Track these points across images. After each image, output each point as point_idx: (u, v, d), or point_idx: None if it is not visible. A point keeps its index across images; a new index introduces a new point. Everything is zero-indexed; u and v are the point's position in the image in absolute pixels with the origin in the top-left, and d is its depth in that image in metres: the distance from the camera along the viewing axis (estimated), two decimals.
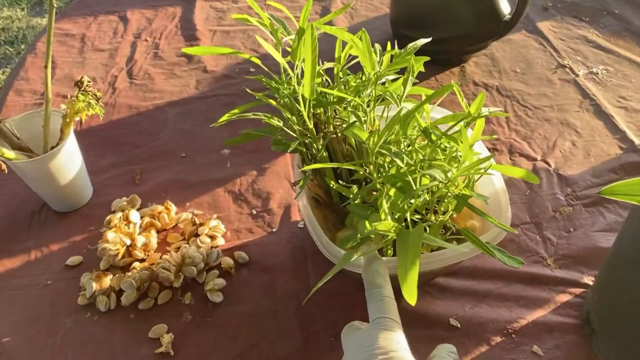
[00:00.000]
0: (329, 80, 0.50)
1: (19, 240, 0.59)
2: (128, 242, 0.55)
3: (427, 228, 0.43)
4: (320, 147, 0.47)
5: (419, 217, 0.44)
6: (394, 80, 0.48)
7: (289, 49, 0.46)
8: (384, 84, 0.48)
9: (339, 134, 0.50)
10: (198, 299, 0.53)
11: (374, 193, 0.49)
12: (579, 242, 0.58)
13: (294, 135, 0.46)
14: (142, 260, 0.56)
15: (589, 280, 0.54)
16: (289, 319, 0.52)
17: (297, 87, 0.44)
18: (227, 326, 0.52)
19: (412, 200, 0.41)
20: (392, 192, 0.42)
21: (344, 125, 0.49)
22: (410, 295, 0.34)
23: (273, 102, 0.46)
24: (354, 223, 0.50)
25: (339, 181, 0.49)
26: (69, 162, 0.58)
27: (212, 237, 0.58)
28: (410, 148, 0.45)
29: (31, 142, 0.58)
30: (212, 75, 0.81)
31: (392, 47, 0.48)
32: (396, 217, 0.42)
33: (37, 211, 0.62)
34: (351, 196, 0.46)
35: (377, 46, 0.49)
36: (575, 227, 0.59)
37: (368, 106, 0.47)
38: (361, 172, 0.46)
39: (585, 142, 0.70)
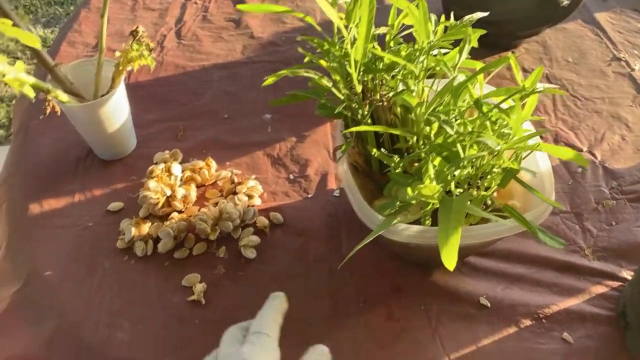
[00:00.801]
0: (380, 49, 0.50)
1: (64, 182, 0.62)
2: (169, 192, 0.56)
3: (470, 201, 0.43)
4: (365, 112, 0.47)
5: (461, 191, 0.44)
6: (444, 55, 0.47)
7: (342, 15, 0.45)
8: (435, 56, 0.47)
9: (385, 103, 0.49)
10: (232, 254, 0.55)
11: (416, 164, 0.48)
12: (620, 235, 0.56)
13: (341, 98, 0.46)
14: (180, 212, 0.57)
15: (627, 274, 0.53)
16: (319, 282, 0.53)
17: (349, 50, 0.43)
18: (258, 282, 0.53)
19: (456, 172, 0.41)
20: (436, 161, 0.42)
21: (391, 94, 0.49)
22: (450, 261, 0.34)
23: (323, 63, 0.45)
24: (392, 192, 0.50)
25: (381, 149, 0.49)
26: (118, 110, 0.59)
27: (250, 197, 0.59)
28: (459, 121, 0.44)
29: (82, 90, 0.59)
30: (259, 42, 0.82)
31: (447, 19, 0.47)
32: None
33: (83, 157, 0.64)
34: (392, 165, 0.46)
35: (433, 16, 0.48)
36: (618, 221, 0.58)
37: (418, 76, 0.46)
38: (408, 139, 0.46)
39: (636, 137, 0.68)
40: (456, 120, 0.45)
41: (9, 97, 1.82)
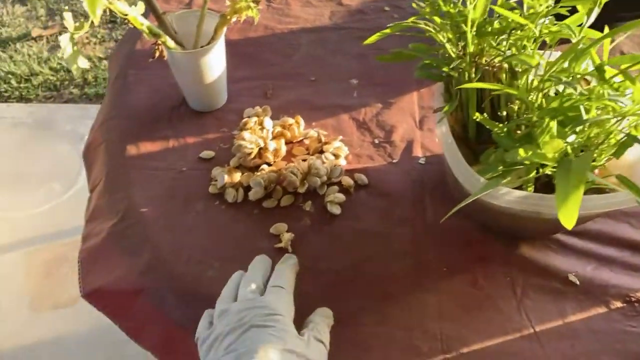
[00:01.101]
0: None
1: (159, 128, 0.64)
2: (262, 144, 0.58)
3: None
4: (473, 75, 0.47)
5: None
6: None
7: None
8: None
9: (491, 68, 0.49)
10: (317, 209, 0.56)
11: (518, 132, 0.48)
12: None
13: (453, 56, 0.46)
14: (269, 165, 0.59)
15: None
16: (402, 244, 0.53)
17: (468, 7, 0.43)
18: (343, 238, 0.54)
19: (570, 138, 0.40)
20: (551, 125, 0.41)
21: (498, 59, 0.48)
22: (569, 219, 0.33)
23: (437, 19, 0.45)
24: (490, 160, 0.49)
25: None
26: (217, 61, 0.61)
27: (335, 156, 0.59)
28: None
29: (183, 40, 0.62)
30: (347, 9, 0.82)
31: None
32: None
33: (177, 106, 0.67)
34: (496, 130, 0.45)
35: None
36: None
37: (535, 39, 0.45)
38: (513, 104, 0.45)
39: None
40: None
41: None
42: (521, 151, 0.39)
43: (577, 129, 0.40)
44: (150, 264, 0.52)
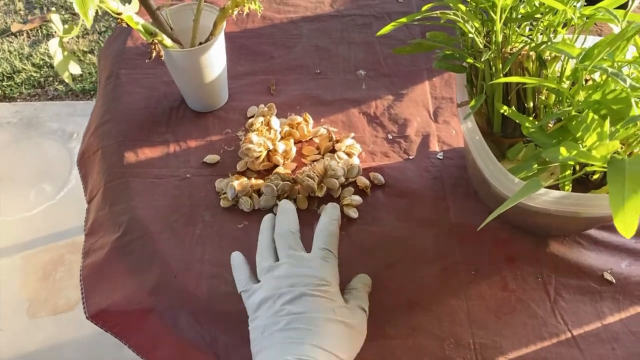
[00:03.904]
0: None
1: (158, 132, 0.60)
2: (271, 146, 0.54)
3: None
4: (500, 66, 0.43)
5: None
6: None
7: None
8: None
9: (518, 57, 0.45)
10: None
11: (550, 126, 0.45)
12: None
13: (480, 47, 0.42)
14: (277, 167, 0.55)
15: None
16: (426, 247, 0.50)
17: None
18: (363, 243, 0.51)
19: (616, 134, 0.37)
20: (589, 120, 0.38)
21: (525, 48, 0.45)
22: (627, 227, 0.31)
23: (462, 7, 0.42)
24: (518, 156, 0.46)
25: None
26: (218, 58, 0.57)
27: (348, 155, 0.56)
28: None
29: (179, 37, 0.57)
30: None
31: None
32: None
33: (175, 107, 0.63)
34: (527, 124, 0.42)
35: None
36: None
37: (564, 26, 0.42)
38: (544, 97, 0.42)
39: None
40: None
41: None
42: (563, 150, 0.36)
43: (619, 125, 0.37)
44: (159, 281, 0.49)
